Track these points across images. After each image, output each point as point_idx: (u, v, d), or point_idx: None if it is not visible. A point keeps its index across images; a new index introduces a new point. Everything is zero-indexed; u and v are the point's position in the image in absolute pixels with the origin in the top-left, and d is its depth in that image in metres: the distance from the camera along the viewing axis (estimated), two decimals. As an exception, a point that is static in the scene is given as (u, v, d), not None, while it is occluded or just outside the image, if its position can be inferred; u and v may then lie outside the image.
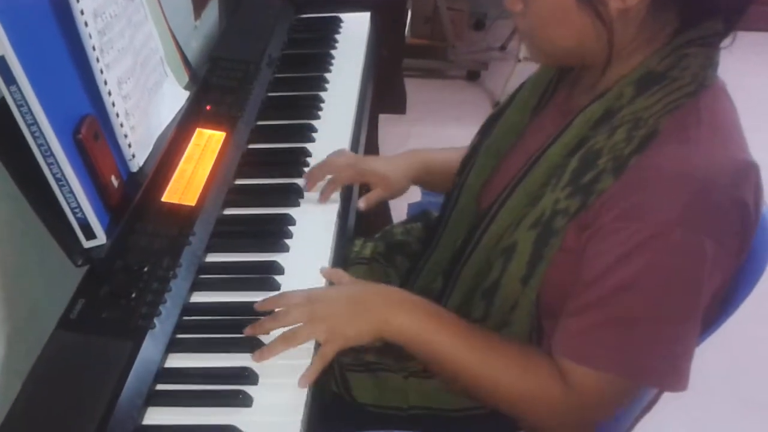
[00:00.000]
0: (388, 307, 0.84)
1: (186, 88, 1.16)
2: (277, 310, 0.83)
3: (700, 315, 0.73)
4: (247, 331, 0.82)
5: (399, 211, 1.31)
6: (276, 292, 0.88)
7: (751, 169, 0.74)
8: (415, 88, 2.43)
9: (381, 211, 1.94)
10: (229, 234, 0.99)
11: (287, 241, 0.97)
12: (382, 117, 1.97)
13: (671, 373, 0.73)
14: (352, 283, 0.90)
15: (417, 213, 1.26)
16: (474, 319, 0.85)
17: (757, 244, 0.83)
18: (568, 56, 0.81)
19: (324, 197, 1.05)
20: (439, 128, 2.59)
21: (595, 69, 0.80)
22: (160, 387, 0.78)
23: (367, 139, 1.36)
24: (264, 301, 0.85)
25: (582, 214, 0.75)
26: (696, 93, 0.74)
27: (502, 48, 3.01)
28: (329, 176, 1.06)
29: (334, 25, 1.50)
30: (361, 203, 1.10)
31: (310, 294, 0.85)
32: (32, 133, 0.78)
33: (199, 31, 1.44)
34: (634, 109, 0.74)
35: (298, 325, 0.81)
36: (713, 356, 1.00)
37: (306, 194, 1.06)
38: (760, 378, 1.79)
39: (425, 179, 1.14)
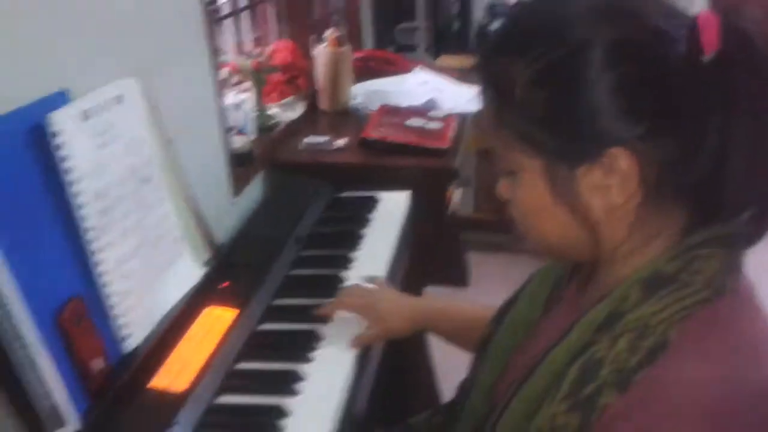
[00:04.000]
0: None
1: (207, 263, 1.15)
2: None
3: None
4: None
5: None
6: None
7: None
8: (480, 262, 2.40)
9: (428, 392, 1.82)
10: (216, 426, 0.91)
11: (278, 434, 0.88)
12: (445, 291, 1.93)
13: None
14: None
15: (441, 405, 1.15)
16: None
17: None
18: (557, 251, 0.74)
19: (323, 310, 1.12)
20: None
21: (602, 265, 0.72)
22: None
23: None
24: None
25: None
26: (711, 300, 0.63)
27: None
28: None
29: (370, 203, 1.49)
30: (352, 342, 1.07)
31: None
32: (3, 318, 0.75)
33: (237, 207, 1.46)
34: (639, 314, 0.64)
35: None
36: None
37: (307, 381, 0.98)
38: None
39: (432, 327, 1.12)
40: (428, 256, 1.64)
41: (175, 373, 0.94)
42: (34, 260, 0.80)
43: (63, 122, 0.82)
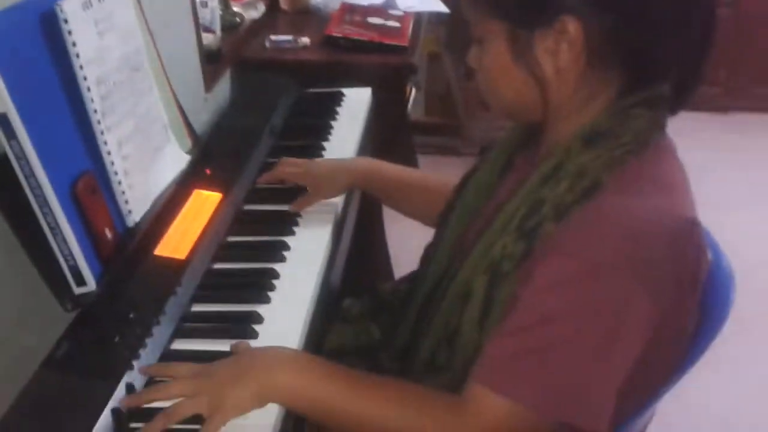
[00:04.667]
0: (270, 368, 0.82)
1: (189, 153, 1.24)
2: (159, 383, 0.83)
3: (625, 361, 0.73)
4: (126, 402, 0.80)
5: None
6: (254, 341, 0.92)
7: (693, 227, 0.76)
8: (429, 164, 2.52)
9: (383, 267, 1.98)
10: (215, 286, 1.04)
11: (270, 293, 1.01)
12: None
13: (587, 411, 0.73)
14: (246, 351, 0.87)
15: (406, 275, 1.29)
16: (438, 370, 0.87)
17: (714, 302, 0.86)
18: (512, 111, 0.88)
19: (262, 179, 1.23)
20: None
21: (554, 129, 0.85)
22: (133, 425, 0.81)
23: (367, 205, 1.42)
24: (150, 367, 0.85)
25: (528, 260, 0.78)
26: (639, 151, 0.78)
27: (516, 126, 3.09)
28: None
29: (337, 98, 1.59)
30: (293, 206, 1.20)
31: (198, 367, 0.83)
32: (30, 185, 0.85)
33: (209, 104, 1.54)
34: (578, 162, 0.78)
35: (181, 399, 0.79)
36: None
37: (292, 250, 1.11)
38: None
39: (368, 186, 1.24)
40: (386, 152, 1.76)
41: (175, 245, 1.06)
42: (51, 136, 0.88)
43: (72, 10, 0.88)
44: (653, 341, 0.75)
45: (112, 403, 0.80)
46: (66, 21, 0.88)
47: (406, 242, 1.28)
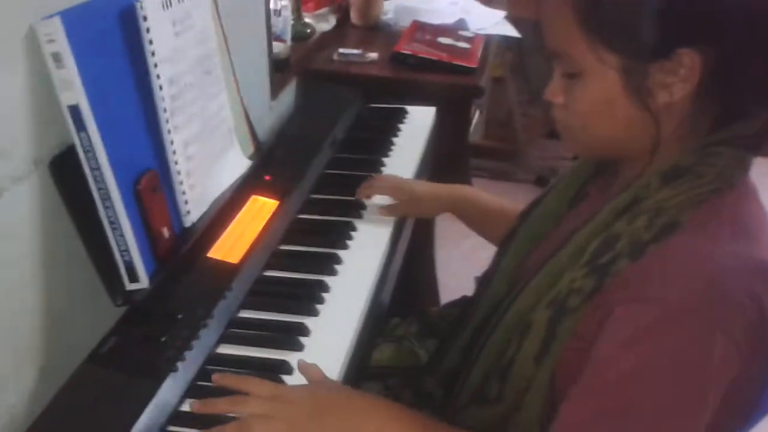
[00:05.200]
0: (363, 414, 0.79)
1: (250, 158, 1.24)
2: (237, 395, 0.79)
3: (705, 413, 0.70)
4: (195, 407, 0.78)
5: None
6: (299, 353, 0.91)
7: None
8: (482, 188, 2.49)
9: (430, 290, 1.96)
10: (264, 293, 1.03)
11: (318, 306, 1.00)
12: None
13: None
14: (323, 383, 0.83)
15: (457, 299, 1.27)
16: (488, 401, 0.84)
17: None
18: (608, 148, 0.83)
19: (360, 191, 1.22)
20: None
21: (633, 162, 0.82)
22: (171, 428, 0.80)
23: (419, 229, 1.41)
24: (225, 376, 0.82)
25: (597, 295, 0.75)
26: (720, 191, 0.75)
27: (575, 158, 3.04)
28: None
29: (400, 115, 1.57)
30: (381, 211, 1.21)
31: (277, 388, 0.80)
32: (94, 178, 0.86)
33: (273, 111, 1.55)
34: (657, 198, 0.75)
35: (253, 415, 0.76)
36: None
37: (345, 264, 1.09)
38: None
39: (458, 211, 1.23)
40: (442, 171, 1.74)
41: (228, 249, 1.05)
42: (120, 131, 0.89)
43: (151, 8, 0.89)
44: (728, 390, 0.71)
45: (153, 402, 0.79)
46: (145, 18, 0.89)
47: (455, 269, 1.26)
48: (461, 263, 1.19)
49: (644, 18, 0.72)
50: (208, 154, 1.09)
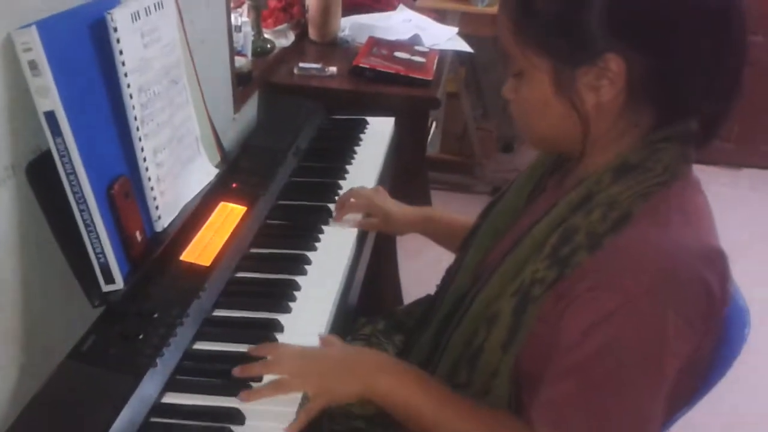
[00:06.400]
0: (377, 370, 0.89)
1: (217, 166, 1.28)
2: (269, 358, 0.89)
3: (665, 385, 0.75)
4: (236, 371, 0.88)
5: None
6: (272, 348, 0.95)
7: (718, 255, 0.79)
8: (440, 200, 2.55)
9: (394, 292, 2.00)
10: (237, 293, 1.06)
11: (290, 303, 1.04)
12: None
13: None
14: (344, 346, 0.96)
15: (421, 297, 1.31)
16: (457, 386, 0.89)
17: (732, 329, 0.87)
18: (550, 142, 0.90)
19: (338, 215, 1.27)
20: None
21: (583, 157, 0.88)
22: (153, 419, 0.83)
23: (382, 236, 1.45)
24: (259, 346, 0.91)
25: (558, 284, 0.80)
26: (668, 183, 0.81)
27: (531, 168, 3.13)
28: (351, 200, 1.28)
29: (361, 125, 1.63)
30: (356, 223, 1.27)
31: (305, 349, 0.92)
32: (70, 182, 0.88)
33: (237, 123, 1.59)
34: (610, 193, 0.81)
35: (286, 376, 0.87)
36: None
37: (313, 264, 1.13)
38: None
39: (427, 230, 1.31)
40: (403, 182, 1.80)
41: (200, 252, 1.08)
42: (93, 138, 0.92)
43: (121, 19, 0.93)
44: (683, 367, 0.77)
45: (135, 396, 0.82)
46: (115, 29, 0.92)
47: (419, 278, 1.33)
48: (423, 271, 1.24)
49: (572, 25, 0.78)
50: (177, 161, 1.12)
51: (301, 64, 1.79)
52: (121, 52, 0.94)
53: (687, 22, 0.77)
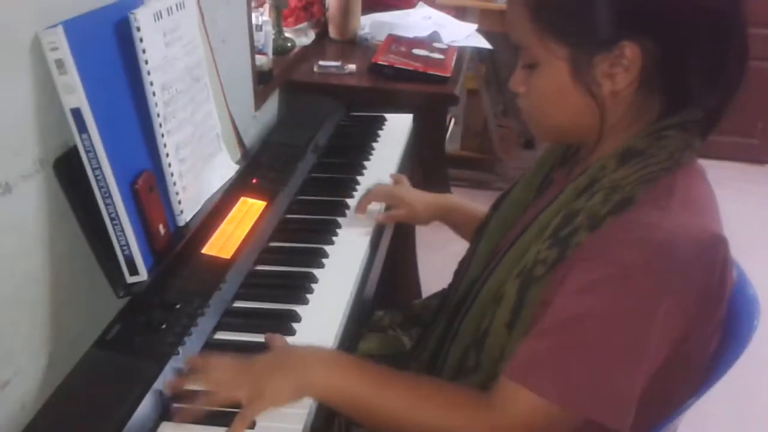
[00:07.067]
0: (309, 365, 0.86)
1: (237, 162, 1.31)
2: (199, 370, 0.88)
3: (645, 365, 0.76)
4: (171, 383, 0.86)
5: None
6: (291, 338, 0.97)
7: (719, 241, 0.79)
8: (462, 196, 2.57)
9: (412, 285, 2.02)
10: (256, 285, 1.09)
11: (308, 295, 1.06)
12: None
13: (610, 408, 0.75)
14: (283, 347, 0.93)
15: (439, 291, 1.33)
16: (467, 371, 0.91)
17: (740, 318, 0.88)
18: (565, 132, 0.91)
19: (359, 207, 1.28)
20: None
21: (590, 147, 0.89)
22: (176, 405, 0.86)
23: (401, 229, 1.47)
24: (193, 358, 0.91)
25: (560, 265, 0.81)
26: (672, 169, 0.82)
27: (551, 165, 3.13)
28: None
29: (379, 122, 1.65)
30: (379, 217, 1.29)
31: (236, 359, 0.88)
32: (95, 177, 0.92)
33: (257, 120, 1.62)
34: (613, 178, 0.82)
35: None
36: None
37: (331, 257, 1.16)
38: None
39: (447, 220, 1.32)
40: (423, 177, 1.82)
41: (221, 245, 1.11)
42: (118, 134, 0.95)
43: (144, 19, 0.96)
44: (677, 353, 0.78)
45: (157, 385, 0.85)
46: (138, 29, 0.95)
47: (439, 271, 1.34)
48: (444, 266, 1.25)
49: (589, 11, 0.80)
50: (199, 157, 1.15)
51: (321, 62, 1.81)
52: (144, 51, 0.98)
53: (700, 9, 0.79)
